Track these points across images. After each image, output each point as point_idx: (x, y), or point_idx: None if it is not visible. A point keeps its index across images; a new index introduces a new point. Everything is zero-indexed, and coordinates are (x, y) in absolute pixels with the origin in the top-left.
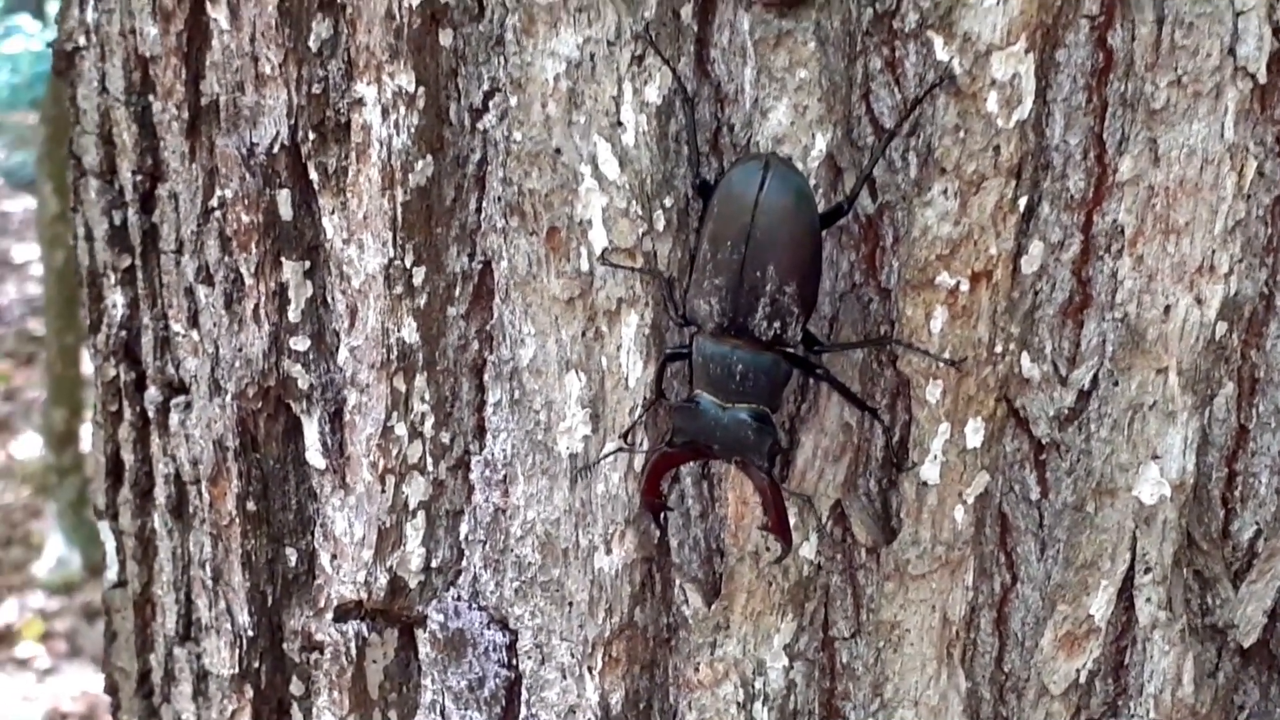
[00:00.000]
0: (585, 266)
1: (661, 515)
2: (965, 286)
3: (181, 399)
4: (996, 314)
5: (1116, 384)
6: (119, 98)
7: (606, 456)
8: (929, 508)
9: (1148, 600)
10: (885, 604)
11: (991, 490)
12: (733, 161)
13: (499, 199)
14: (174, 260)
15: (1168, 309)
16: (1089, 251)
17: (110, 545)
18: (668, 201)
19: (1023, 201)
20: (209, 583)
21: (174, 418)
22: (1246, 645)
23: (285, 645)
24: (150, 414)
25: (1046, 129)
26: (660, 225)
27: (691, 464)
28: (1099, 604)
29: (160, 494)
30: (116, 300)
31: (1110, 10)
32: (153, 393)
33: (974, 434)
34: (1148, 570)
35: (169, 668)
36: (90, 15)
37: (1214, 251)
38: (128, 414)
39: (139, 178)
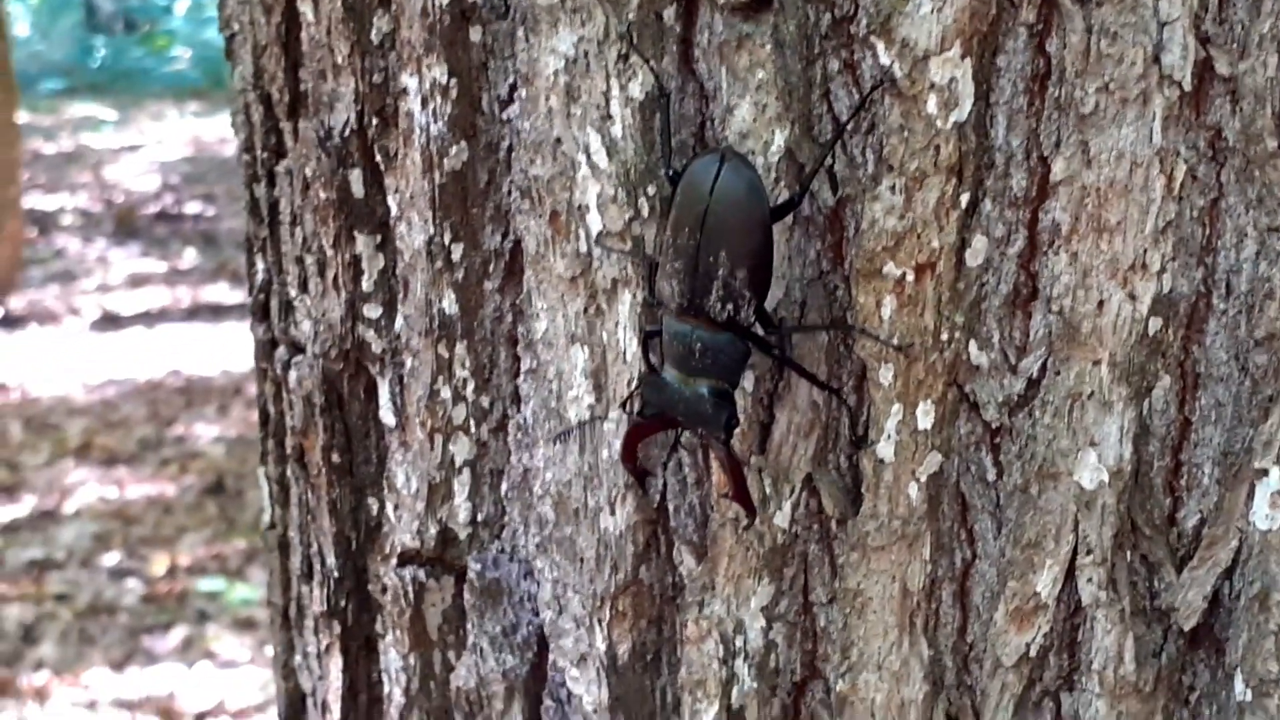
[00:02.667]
0: (584, 248)
1: (646, 480)
2: (911, 277)
3: (300, 358)
4: (941, 303)
5: (1058, 373)
6: (249, 81)
7: (593, 421)
8: (885, 484)
9: (1089, 581)
10: (850, 573)
11: (947, 470)
12: (693, 155)
13: (513, 183)
14: (290, 231)
15: (1101, 304)
16: (1035, 246)
17: (265, 490)
18: (650, 190)
19: (964, 198)
20: (309, 527)
21: (292, 375)
22: (1187, 628)
23: (370, 587)
24: (278, 371)
25: (991, 130)
26: (645, 211)
27: (690, 435)
28: (1045, 582)
29: (289, 444)
30: (259, 266)
31: (1048, 19)
32: (281, 352)
33: (925, 416)
34: (1089, 552)
35: (299, 604)
36: (234, 6)
37: (1146, 250)
38: (270, 371)
39: (264, 154)
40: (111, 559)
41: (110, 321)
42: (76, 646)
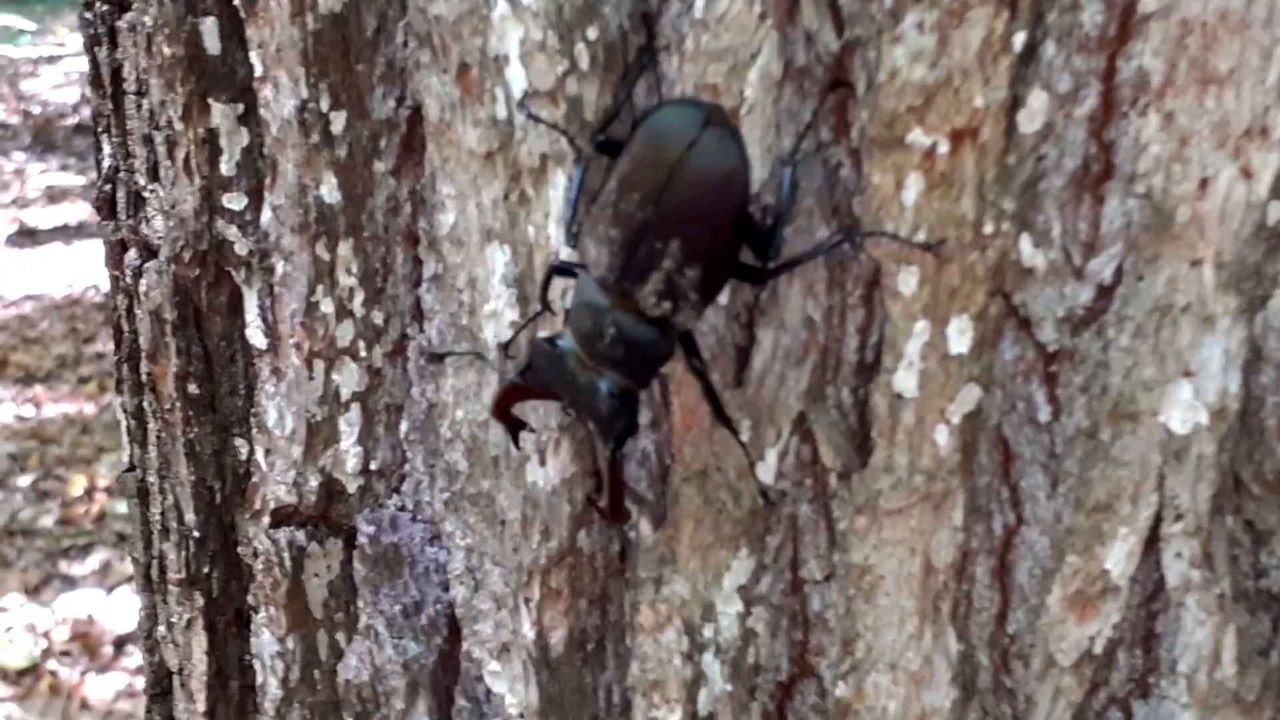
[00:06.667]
0: (503, 113)
1: (521, 433)
2: (944, 147)
3: (154, 263)
4: (985, 184)
5: (1140, 278)
6: None
7: (460, 355)
8: (905, 427)
9: (1177, 555)
10: (856, 543)
11: (986, 408)
12: (669, 100)
13: (409, 29)
14: (136, 103)
15: (1204, 183)
16: (1111, 106)
17: (122, 425)
18: (591, 33)
19: (1019, 38)
20: (162, 474)
21: (142, 283)
22: None
23: (240, 550)
24: (129, 280)
25: None
26: (584, 63)
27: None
28: (1117, 557)
29: (144, 369)
30: (105, 149)
31: None
32: (131, 255)
33: (959, 336)
34: (1178, 518)
35: (162, 564)
36: None
37: (1267, 109)
38: (121, 279)
39: (104, 7)
40: (27, 480)
41: (27, 236)
42: None
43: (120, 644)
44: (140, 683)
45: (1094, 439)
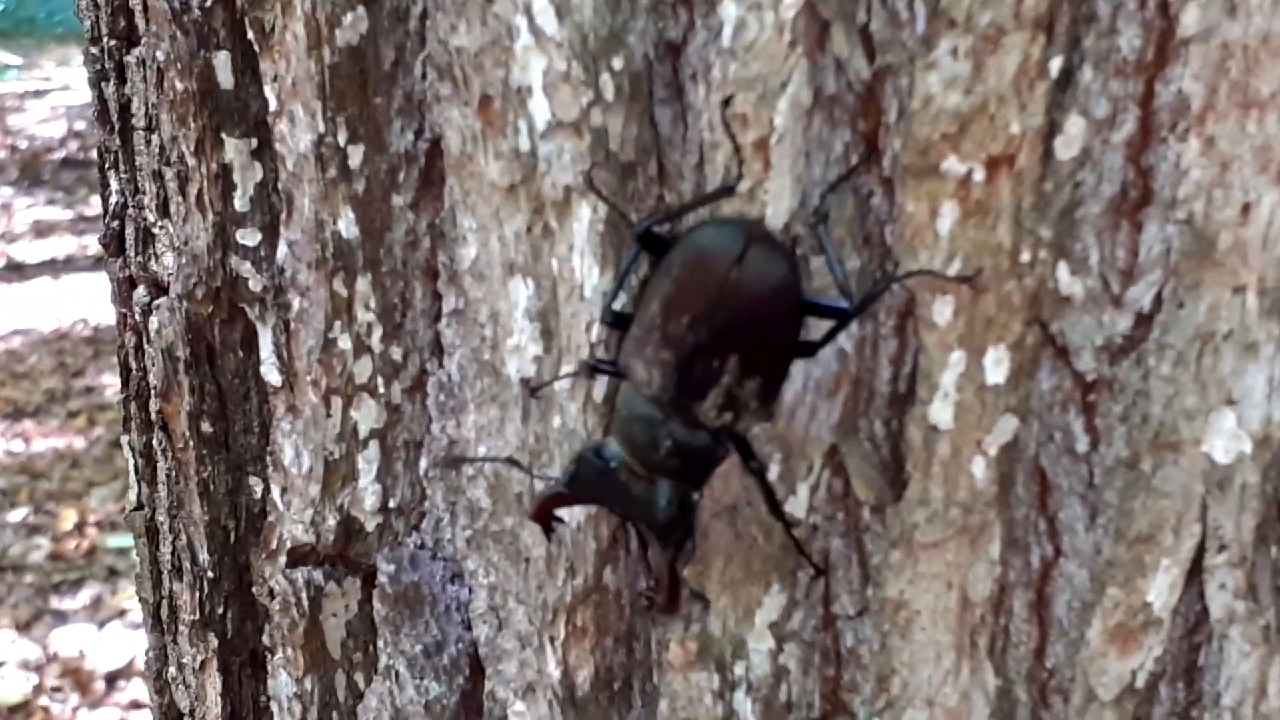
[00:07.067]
0: (526, 146)
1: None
2: (980, 175)
3: (162, 300)
4: (1021, 211)
5: (1181, 305)
6: None
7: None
8: (940, 459)
9: (1221, 587)
10: (891, 578)
11: (1024, 439)
12: (704, 221)
13: (429, 61)
14: (145, 139)
15: (1246, 208)
16: (1150, 131)
17: (130, 463)
18: (616, 63)
19: (1056, 63)
20: (179, 513)
21: (153, 321)
22: None
23: (255, 590)
24: (138, 317)
25: None
26: (609, 93)
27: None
28: (1159, 589)
29: (153, 407)
30: (112, 186)
31: None
32: (140, 293)
33: (995, 366)
34: (1222, 548)
35: (172, 603)
36: None
37: None
38: (129, 317)
39: (112, 42)
40: (17, 515)
41: (15, 270)
42: None
43: (112, 679)
44: (132, 718)
45: (1134, 469)
